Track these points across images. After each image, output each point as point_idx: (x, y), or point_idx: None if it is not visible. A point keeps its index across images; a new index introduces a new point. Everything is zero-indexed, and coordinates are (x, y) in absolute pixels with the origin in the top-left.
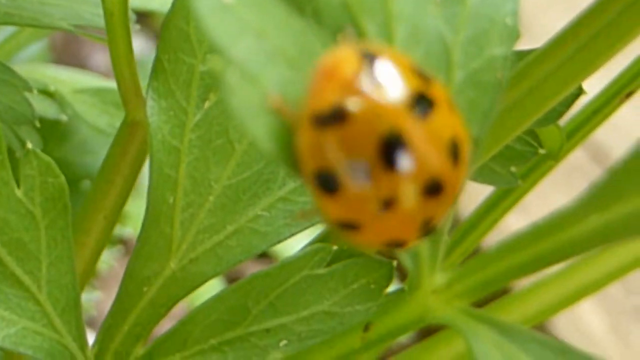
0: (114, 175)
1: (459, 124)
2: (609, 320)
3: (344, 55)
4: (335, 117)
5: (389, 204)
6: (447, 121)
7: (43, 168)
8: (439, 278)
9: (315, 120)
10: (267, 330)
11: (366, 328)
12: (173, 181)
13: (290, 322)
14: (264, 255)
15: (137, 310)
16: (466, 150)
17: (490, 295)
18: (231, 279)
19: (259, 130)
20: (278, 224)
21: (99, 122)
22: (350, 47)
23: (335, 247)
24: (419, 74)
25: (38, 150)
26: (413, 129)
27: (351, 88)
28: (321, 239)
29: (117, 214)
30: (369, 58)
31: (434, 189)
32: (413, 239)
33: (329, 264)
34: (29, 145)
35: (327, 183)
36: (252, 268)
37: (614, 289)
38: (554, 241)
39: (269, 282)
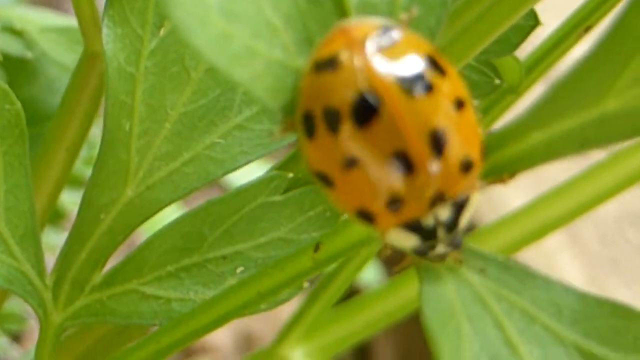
0: (75, 107)
1: (451, 99)
2: (587, 272)
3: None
4: (329, 64)
5: (354, 162)
6: (439, 96)
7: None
8: None
9: (314, 65)
10: (224, 257)
11: (316, 248)
12: (129, 108)
13: (247, 249)
14: None
15: (94, 237)
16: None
17: None
18: None
19: (202, 41)
20: (234, 152)
21: (65, 59)
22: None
23: (291, 175)
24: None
25: None
26: (395, 94)
27: (354, 44)
28: (278, 167)
29: (78, 147)
30: (383, 28)
31: (403, 161)
32: (381, 213)
33: (285, 192)
34: None
35: (309, 127)
36: None
37: (590, 241)
38: (499, 156)
39: (225, 208)
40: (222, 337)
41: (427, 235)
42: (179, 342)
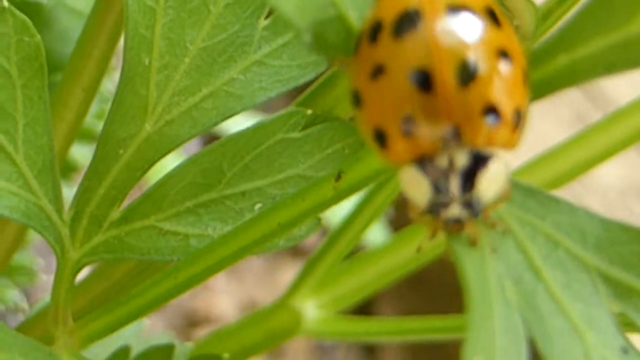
0: (91, 47)
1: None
2: None
3: None
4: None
5: (380, 71)
6: (482, 36)
7: (19, 27)
8: None
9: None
10: (242, 194)
11: (338, 177)
12: (148, 42)
13: (265, 185)
14: None
15: (113, 173)
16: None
17: None
18: None
19: None
20: (253, 88)
21: (79, 6)
22: None
23: (310, 111)
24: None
25: (14, 9)
26: (437, 15)
27: None
28: (298, 103)
29: (95, 87)
30: None
31: (424, 77)
32: (395, 134)
33: (304, 128)
34: (5, 3)
35: (356, 44)
36: None
37: None
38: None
39: (244, 144)
40: (226, 307)
41: (441, 182)
42: (198, 276)
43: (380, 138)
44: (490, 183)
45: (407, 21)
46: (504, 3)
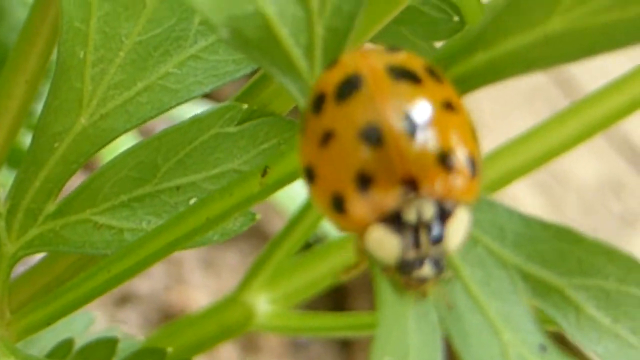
0: (35, 37)
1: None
2: None
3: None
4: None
5: (329, 136)
6: (423, 88)
7: None
8: None
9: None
10: (177, 188)
11: (264, 172)
12: (83, 35)
13: (200, 179)
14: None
15: (48, 166)
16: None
17: None
18: None
19: None
20: (189, 82)
21: None
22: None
23: (245, 106)
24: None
25: None
26: (378, 76)
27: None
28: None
29: (38, 78)
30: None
31: (374, 134)
32: (353, 195)
33: (239, 123)
34: None
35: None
36: None
37: (572, 210)
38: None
39: (179, 138)
40: (201, 301)
41: (409, 239)
42: (130, 270)
43: (339, 205)
44: (455, 235)
45: (350, 85)
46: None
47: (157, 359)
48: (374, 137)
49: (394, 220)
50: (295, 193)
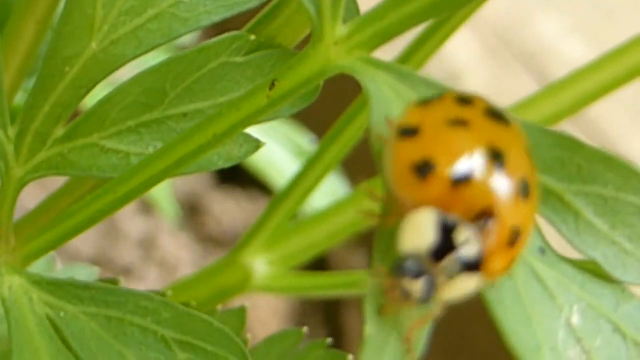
0: None
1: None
2: None
3: None
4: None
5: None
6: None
7: None
8: (340, 29)
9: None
10: (184, 115)
11: (271, 85)
12: None
13: (207, 107)
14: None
15: (58, 90)
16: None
17: None
18: None
19: None
20: (198, 11)
21: None
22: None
23: (253, 37)
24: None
25: None
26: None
27: None
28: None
29: (48, 19)
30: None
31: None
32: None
33: (246, 54)
34: None
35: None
36: None
37: None
38: None
39: (187, 65)
40: None
41: (439, 245)
42: (136, 189)
43: (424, 170)
44: (458, 289)
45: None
46: None
47: None
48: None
49: (449, 222)
50: None
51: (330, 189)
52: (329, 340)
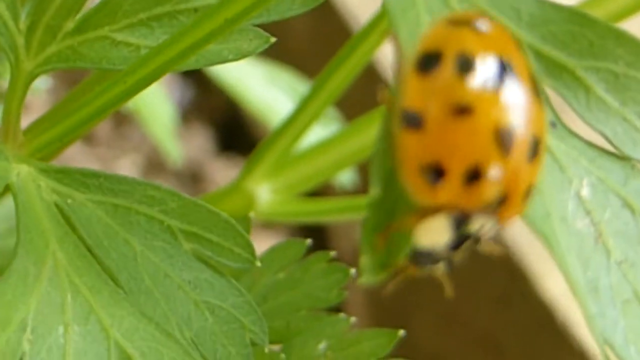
0: None
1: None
2: None
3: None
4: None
5: (465, 110)
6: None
7: None
8: None
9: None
10: (195, 9)
11: None
12: None
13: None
14: None
15: None
16: (541, 154)
17: None
18: None
19: None
20: None
21: None
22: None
23: None
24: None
25: None
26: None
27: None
28: None
29: None
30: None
31: (506, 141)
32: (454, 175)
33: None
34: None
35: (429, 62)
36: None
37: None
38: None
39: None
40: None
41: (458, 238)
42: (146, 79)
43: (435, 174)
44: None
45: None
46: None
47: None
48: (506, 141)
49: (461, 218)
50: None
51: (327, 126)
52: (333, 253)
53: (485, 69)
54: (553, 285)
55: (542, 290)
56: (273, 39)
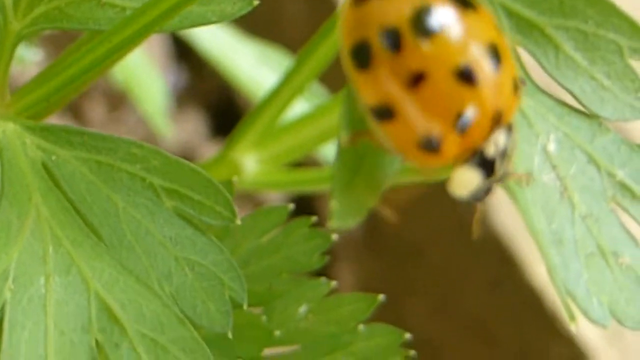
0: None
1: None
2: None
3: None
4: None
5: (421, 77)
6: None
7: None
8: None
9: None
10: None
11: None
12: None
13: None
14: None
15: None
16: (504, 52)
17: None
18: None
19: None
20: None
21: None
22: None
23: None
24: None
25: None
26: (458, 10)
27: None
28: None
29: None
30: None
31: (468, 73)
32: (449, 135)
33: None
34: None
35: (362, 57)
36: None
37: None
38: None
39: None
40: None
41: (488, 168)
42: (132, 37)
43: (429, 143)
44: (514, 148)
45: (433, 21)
46: None
47: None
48: (468, 77)
49: (479, 155)
50: None
51: (311, 100)
52: (314, 218)
53: (411, 28)
54: (543, 271)
55: (532, 275)
56: (256, 2)
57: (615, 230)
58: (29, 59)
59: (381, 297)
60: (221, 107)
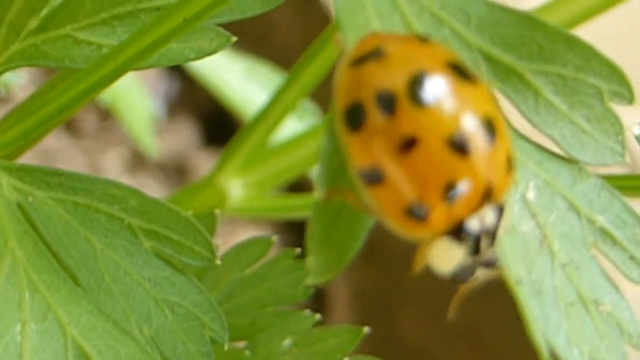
0: None
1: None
2: None
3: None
4: (373, 55)
5: (412, 143)
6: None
7: None
8: None
9: (353, 61)
10: (157, 8)
11: None
12: None
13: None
14: None
15: None
16: (500, 126)
17: None
18: None
19: None
20: None
21: None
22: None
23: None
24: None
25: None
26: (453, 78)
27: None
28: None
29: None
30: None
31: (461, 143)
32: (436, 205)
33: None
34: None
35: (355, 118)
36: None
37: None
38: None
39: None
40: None
41: (473, 245)
42: (108, 77)
43: (417, 213)
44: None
45: (426, 84)
46: None
47: None
48: (460, 147)
49: (464, 229)
50: None
51: (302, 119)
52: (298, 250)
53: (407, 94)
54: None
55: None
56: (234, 39)
57: (595, 278)
58: (13, 84)
59: (366, 329)
60: (213, 117)
